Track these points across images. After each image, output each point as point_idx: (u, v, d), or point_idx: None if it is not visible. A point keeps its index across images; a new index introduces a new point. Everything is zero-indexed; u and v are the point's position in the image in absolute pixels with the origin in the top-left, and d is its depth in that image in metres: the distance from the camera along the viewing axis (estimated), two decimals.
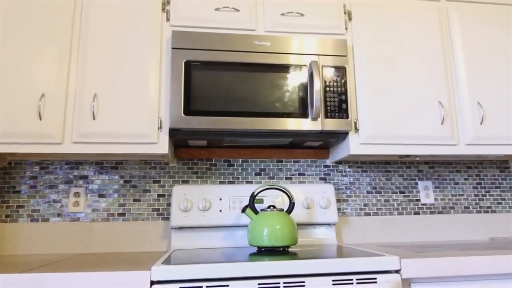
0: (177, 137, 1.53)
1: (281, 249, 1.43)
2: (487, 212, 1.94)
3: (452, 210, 1.92)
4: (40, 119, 1.42)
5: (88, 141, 1.43)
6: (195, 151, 1.79)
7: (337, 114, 1.53)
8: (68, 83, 1.47)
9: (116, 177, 1.73)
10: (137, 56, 1.51)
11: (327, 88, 1.55)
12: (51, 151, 1.42)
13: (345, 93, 1.55)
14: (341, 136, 1.59)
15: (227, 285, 1.08)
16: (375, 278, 1.14)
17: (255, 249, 1.48)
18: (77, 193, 1.69)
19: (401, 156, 1.77)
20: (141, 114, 1.47)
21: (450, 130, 1.63)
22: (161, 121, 1.48)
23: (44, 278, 1.04)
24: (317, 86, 1.48)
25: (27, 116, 1.41)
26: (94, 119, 1.44)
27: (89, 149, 1.43)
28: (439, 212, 1.91)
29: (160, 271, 1.08)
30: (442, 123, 1.63)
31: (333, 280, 1.12)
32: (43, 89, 1.44)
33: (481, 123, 1.66)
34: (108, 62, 1.49)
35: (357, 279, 1.14)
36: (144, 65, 1.51)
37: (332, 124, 1.53)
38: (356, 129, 1.59)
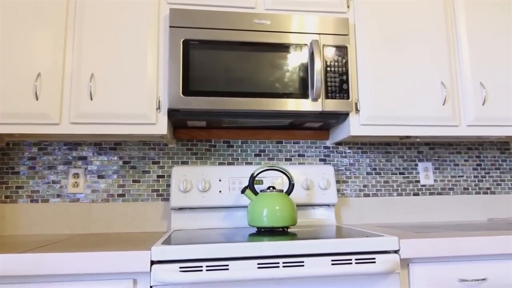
0: (176, 118, 1.51)
1: (281, 229, 1.44)
2: (486, 193, 1.95)
3: (451, 191, 1.92)
4: (37, 99, 1.40)
5: (86, 121, 1.42)
6: (194, 132, 1.78)
7: (337, 95, 1.51)
8: (64, 63, 1.44)
9: (115, 158, 1.73)
10: (134, 34, 1.48)
11: (328, 68, 1.52)
12: (48, 131, 1.41)
13: (346, 73, 1.53)
14: (341, 117, 1.57)
15: (227, 265, 1.09)
16: (374, 258, 1.15)
17: (254, 230, 1.48)
18: (76, 174, 1.69)
19: (401, 137, 1.76)
20: (139, 94, 1.44)
21: (451, 111, 1.62)
22: (159, 101, 1.46)
23: (44, 258, 1.04)
24: (318, 66, 1.46)
25: (24, 96, 1.39)
26: (91, 99, 1.42)
27: (87, 129, 1.42)
28: (438, 193, 1.91)
29: (160, 251, 1.08)
30: (443, 104, 1.61)
31: (332, 260, 1.13)
32: (39, 69, 1.42)
33: (483, 104, 1.64)
34: (104, 41, 1.46)
35: (356, 259, 1.14)
36: (141, 44, 1.48)
37: (332, 105, 1.51)
38: (357, 110, 1.57)
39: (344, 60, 1.54)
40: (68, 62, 1.45)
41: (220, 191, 1.65)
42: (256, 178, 1.68)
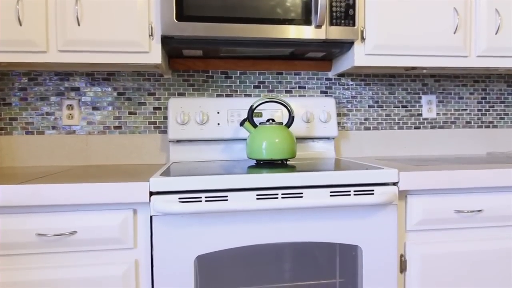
0: (170, 46, 1.43)
1: (280, 162, 1.43)
2: (488, 127, 1.92)
3: (453, 125, 1.90)
4: (20, 24, 1.30)
5: (74, 49, 1.33)
6: (191, 62, 1.70)
7: (343, 21, 1.41)
8: None
9: (109, 89, 1.66)
10: None
11: None
12: (36, 60, 1.33)
13: None
14: (345, 46, 1.49)
15: (226, 196, 1.09)
16: (373, 190, 1.16)
17: (253, 162, 1.48)
18: (70, 105, 1.64)
19: (407, 69, 1.69)
20: (129, 19, 1.34)
21: (462, 40, 1.53)
22: (152, 27, 1.36)
23: (44, 189, 1.04)
24: None
25: (6, 21, 1.30)
26: (79, 25, 1.32)
27: (77, 58, 1.34)
28: (440, 127, 1.89)
29: (158, 182, 1.08)
30: (455, 32, 1.51)
31: (331, 192, 1.14)
32: None
33: (496, 33, 1.54)
34: None
35: (354, 191, 1.15)
36: None
37: (337, 33, 1.41)
38: (363, 38, 1.48)
39: None
40: None
41: (218, 124, 1.61)
42: (255, 111, 1.64)
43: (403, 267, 1.23)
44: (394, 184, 1.19)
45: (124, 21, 1.34)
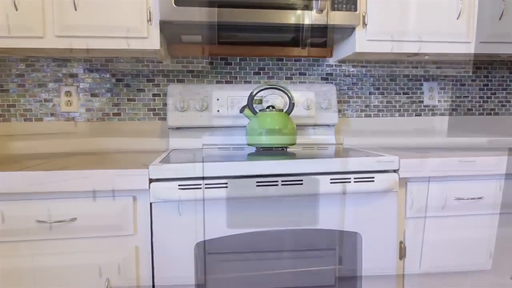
0: (169, 31, 1.41)
1: (280, 149, 1.43)
2: (489, 114, 1.91)
3: (454, 112, 1.88)
4: (16, 9, 1.28)
5: (71, 34, 1.31)
6: (190, 48, 1.68)
7: (344, 6, 1.39)
8: None
9: (108, 75, 1.65)
10: None
11: None
12: (33, 45, 1.31)
13: None
14: (347, 31, 1.47)
15: (226, 183, 1.09)
16: (373, 177, 1.15)
17: (253, 149, 1.47)
18: (69, 92, 1.63)
19: (409, 55, 1.66)
20: (127, 4, 1.32)
21: (465, 26, 1.50)
22: (150, 12, 1.34)
23: (44, 176, 1.03)
24: None
25: (2, 5, 1.27)
26: (75, 9, 1.30)
27: (74, 43, 1.32)
28: (441, 114, 1.87)
29: (158, 169, 1.07)
30: (458, 18, 1.49)
31: (331, 179, 1.13)
32: None
33: (499, 18, 1.52)
34: None
35: (355, 178, 1.14)
36: None
37: (339, 18, 1.39)
38: (364, 24, 1.46)
39: None
40: None
41: (218, 110, 1.60)
42: (255, 97, 1.62)
43: (402, 254, 1.23)
44: (395, 171, 1.19)
45: (122, 5, 1.32)
